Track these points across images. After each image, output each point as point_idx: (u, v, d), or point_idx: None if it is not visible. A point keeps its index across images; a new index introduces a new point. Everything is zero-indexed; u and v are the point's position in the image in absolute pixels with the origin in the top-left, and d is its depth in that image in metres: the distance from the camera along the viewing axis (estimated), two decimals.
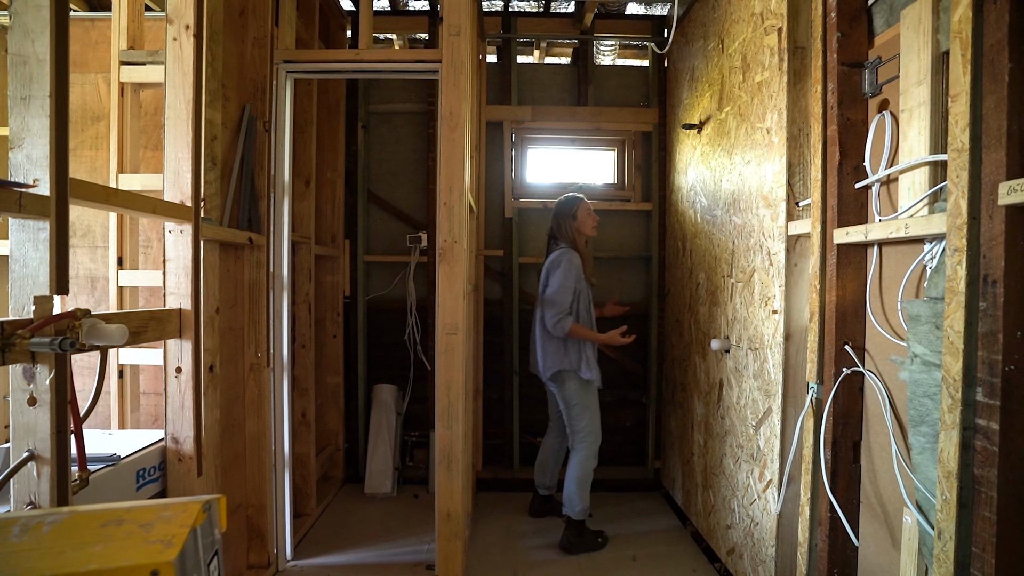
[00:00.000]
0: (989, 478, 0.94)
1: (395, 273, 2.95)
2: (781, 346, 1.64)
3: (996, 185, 0.94)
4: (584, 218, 2.33)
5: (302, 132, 2.41)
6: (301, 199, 2.41)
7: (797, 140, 1.64)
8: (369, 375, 2.95)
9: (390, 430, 2.80)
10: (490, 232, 2.94)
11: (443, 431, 1.83)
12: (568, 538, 2.28)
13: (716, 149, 2.17)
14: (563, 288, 2.20)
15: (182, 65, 1.41)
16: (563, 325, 2.18)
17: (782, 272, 1.64)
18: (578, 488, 2.27)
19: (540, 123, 2.87)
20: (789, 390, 1.64)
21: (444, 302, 1.81)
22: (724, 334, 2.06)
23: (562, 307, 2.19)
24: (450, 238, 1.79)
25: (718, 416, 2.11)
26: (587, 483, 2.30)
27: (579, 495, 2.27)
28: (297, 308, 2.41)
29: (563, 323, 2.18)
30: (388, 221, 2.97)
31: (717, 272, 2.15)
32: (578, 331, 2.20)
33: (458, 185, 1.80)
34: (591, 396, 2.30)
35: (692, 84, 2.46)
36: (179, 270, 1.44)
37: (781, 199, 1.65)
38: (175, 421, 1.44)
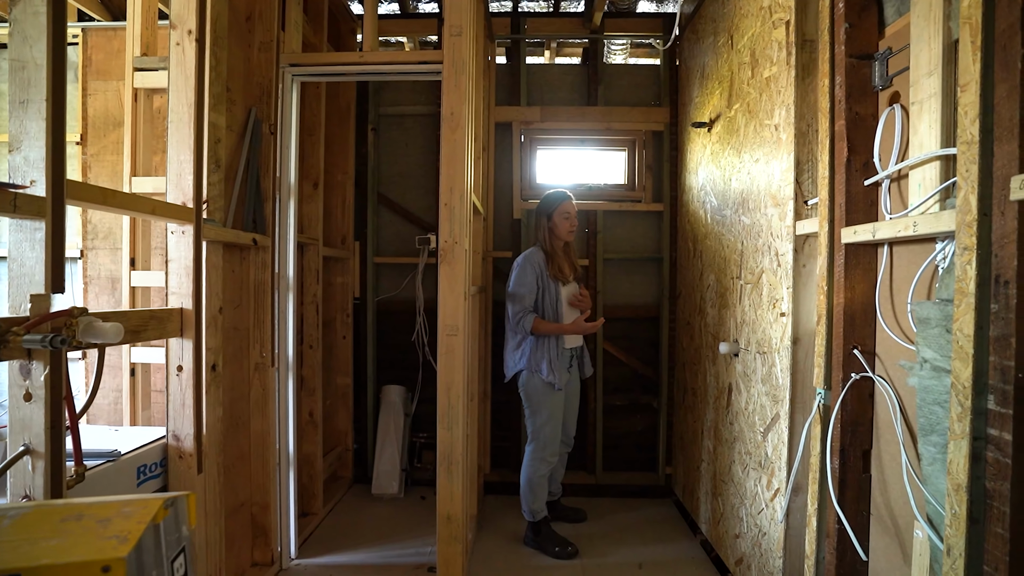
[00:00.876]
0: (1002, 492, 0.88)
1: (405, 275, 2.96)
2: (789, 350, 1.58)
3: (1008, 179, 0.88)
4: (559, 222, 2.29)
5: (310, 135, 2.44)
6: (309, 201, 2.44)
7: (806, 136, 1.58)
8: (379, 376, 2.97)
9: (398, 431, 2.81)
10: (499, 234, 2.93)
11: (443, 433, 1.82)
12: (527, 534, 2.35)
13: (725, 147, 2.12)
14: (518, 286, 2.23)
15: (184, 69, 1.44)
16: (524, 323, 2.20)
17: (790, 273, 1.59)
18: (525, 491, 2.31)
19: (549, 124, 2.85)
20: (797, 396, 1.58)
21: (445, 303, 1.80)
22: (733, 337, 2.01)
23: (521, 305, 2.22)
24: (451, 239, 1.79)
25: (727, 422, 2.05)
26: (535, 487, 2.29)
27: (526, 497, 2.31)
28: (305, 309, 2.44)
29: (524, 321, 2.20)
30: (398, 223, 2.98)
31: (726, 274, 2.09)
32: (541, 326, 2.20)
33: (459, 186, 1.79)
34: (551, 400, 2.25)
35: (702, 82, 2.41)
36: (180, 270, 1.46)
37: (789, 197, 1.60)
38: (176, 418, 1.46)
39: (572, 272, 2.38)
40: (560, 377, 2.26)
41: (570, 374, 2.38)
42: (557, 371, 2.24)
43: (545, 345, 2.25)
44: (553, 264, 2.29)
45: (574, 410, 2.48)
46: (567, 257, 2.37)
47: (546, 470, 2.31)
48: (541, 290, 2.27)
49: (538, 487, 2.31)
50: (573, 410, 2.48)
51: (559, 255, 2.32)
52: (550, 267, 2.28)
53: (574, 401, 2.47)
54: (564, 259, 2.35)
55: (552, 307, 2.28)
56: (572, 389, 2.44)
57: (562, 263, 2.32)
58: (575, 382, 2.45)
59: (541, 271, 2.27)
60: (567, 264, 2.36)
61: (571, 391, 2.44)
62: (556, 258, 2.30)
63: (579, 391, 2.50)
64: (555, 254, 2.30)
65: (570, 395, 2.44)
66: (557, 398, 2.28)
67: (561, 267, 2.30)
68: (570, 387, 2.42)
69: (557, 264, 2.29)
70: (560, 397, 2.30)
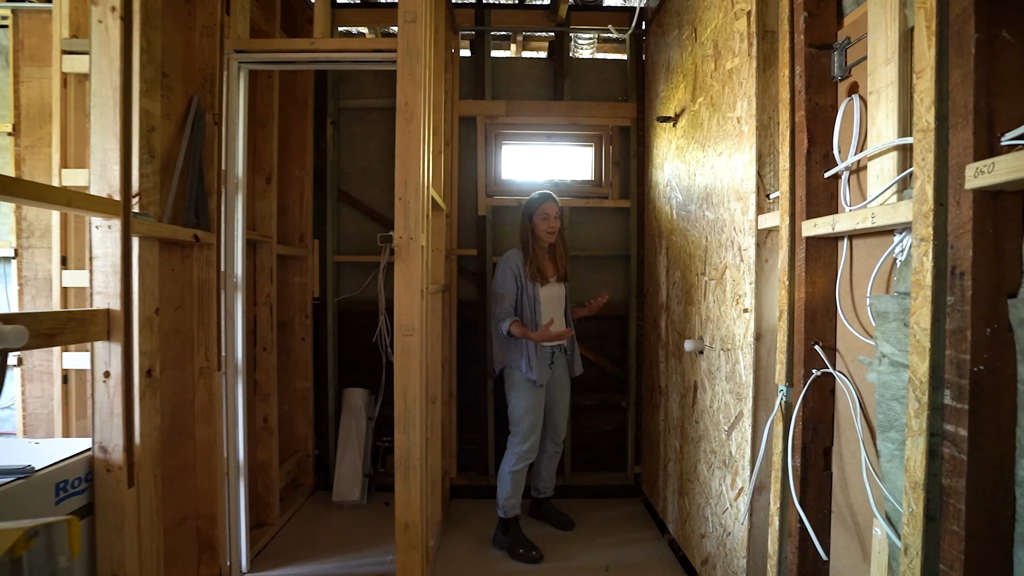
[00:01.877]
0: (957, 489, 0.86)
1: (367, 274, 2.86)
2: (752, 347, 1.55)
3: (963, 167, 0.86)
4: (538, 222, 2.29)
5: (263, 127, 2.32)
6: (262, 196, 2.32)
7: (767, 129, 1.56)
8: (340, 379, 2.86)
9: (360, 435, 2.71)
10: (464, 231, 2.86)
11: (400, 437, 1.74)
12: (496, 532, 2.33)
13: (690, 142, 2.09)
14: (497, 286, 2.26)
15: (108, 50, 1.33)
16: (502, 326, 2.22)
17: (753, 268, 1.56)
18: (500, 483, 2.30)
19: (515, 118, 2.79)
20: (760, 393, 1.56)
21: (401, 302, 1.72)
22: (698, 334, 1.98)
23: (501, 306, 2.24)
24: (406, 235, 1.71)
25: (693, 420, 2.03)
26: (509, 483, 2.27)
27: (500, 490, 2.30)
28: (258, 310, 2.33)
29: (502, 324, 2.22)
30: (359, 220, 2.88)
31: (691, 270, 2.06)
32: (515, 331, 2.20)
33: (415, 179, 1.72)
34: (530, 395, 2.26)
35: (668, 76, 2.38)
36: (107, 268, 1.35)
37: (751, 191, 1.57)
38: (103, 429, 1.35)
39: (556, 273, 2.35)
40: (540, 373, 2.26)
41: (553, 371, 2.35)
42: (536, 367, 2.23)
43: (523, 342, 2.25)
44: (531, 264, 2.27)
45: (562, 409, 2.44)
46: (551, 258, 2.36)
47: (522, 465, 2.28)
48: (520, 291, 2.26)
49: (513, 481, 2.28)
50: (561, 409, 2.44)
51: (539, 256, 2.31)
52: (528, 268, 2.27)
53: (561, 399, 2.43)
54: (546, 260, 2.34)
55: (530, 308, 2.26)
56: (558, 386, 2.40)
57: (543, 264, 2.31)
58: (561, 380, 2.41)
59: (519, 271, 2.26)
60: (550, 265, 2.35)
61: (556, 388, 2.40)
62: (536, 259, 2.29)
63: (568, 392, 2.45)
64: (535, 255, 2.29)
65: (555, 393, 2.40)
66: (537, 394, 2.27)
67: (541, 268, 2.29)
68: (555, 384, 2.39)
69: (536, 265, 2.28)
70: (540, 393, 2.29)
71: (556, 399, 2.40)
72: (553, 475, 2.53)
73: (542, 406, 2.33)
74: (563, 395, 2.42)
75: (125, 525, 1.33)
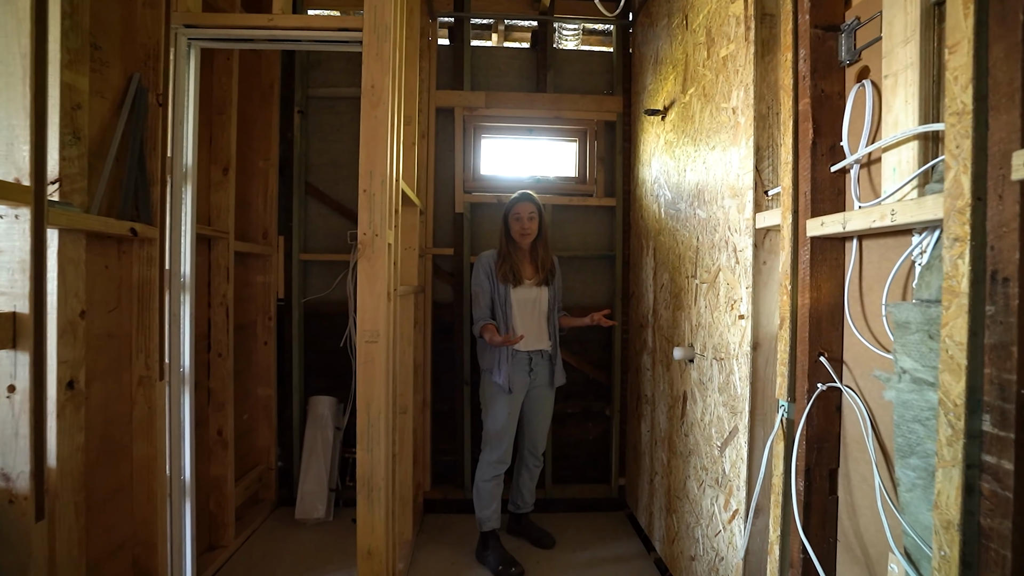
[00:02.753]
0: (1001, 532, 0.73)
1: (335, 273, 2.68)
2: (748, 356, 1.43)
3: (1008, 155, 0.73)
4: (510, 223, 2.18)
5: (220, 113, 2.13)
6: (219, 188, 2.13)
7: (766, 120, 1.43)
8: (306, 385, 2.67)
9: (327, 447, 2.53)
10: (440, 229, 2.69)
11: (363, 455, 1.58)
12: (478, 546, 2.23)
13: (680, 136, 1.97)
14: (472, 287, 2.19)
15: (17, 10, 1.14)
16: (475, 328, 2.15)
17: (749, 271, 1.44)
18: (473, 496, 2.21)
19: (495, 110, 2.64)
20: (757, 407, 1.43)
21: (364, 305, 1.56)
22: (688, 342, 1.85)
23: (477, 306, 2.16)
24: (370, 231, 1.54)
25: (682, 433, 1.90)
26: (480, 493, 2.18)
27: (475, 503, 2.20)
28: (212, 312, 2.13)
29: (475, 326, 2.14)
30: (328, 216, 2.70)
31: (681, 272, 1.94)
32: (484, 335, 2.08)
33: (380, 169, 1.55)
34: (501, 402, 2.14)
35: (656, 67, 2.26)
36: (12, 265, 1.16)
37: (748, 187, 1.45)
38: (6, 453, 1.15)
39: (536, 276, 2.22)
40: (513, 381, 2.14)
41: (532, 379, 2.21)
42: (506, 373, 2.12)
43: (497, 347, 2.13)
44: (504, 266, 2.16)
45: (541, 420, 2.30)
46: (530, 259, 2.23)
47: (494, 475, 2.17)
48: (492, 291, 2.16)
49: (484, 493, 2.17)
50: (540, 420, 2.30)
51: (515, 256, 2.19)
52: (500, 268, 2.15)
53: (540, 409, 2.28)
54: (524, 261, 2.22)
55: (501, 310, 2.16)
56: (537, 395, 2.26)
57: (519, 265, 2.19)
58: (542, 389, 2.26)
59: (491, 272, 2.16)
60: (528, 267, 2.23)
61: (536, 397, 2.26)
62: (510, 259, 2.17)
63: (550, 402, 2.31)
64: (509, 255, 2.18)
65: (535, 402, 2.26)
66: (509, 401, 2.15)
67: (516, 269, 2.17)
68: (535, 393, 2.25)
69: (509, 266, 2.16)
70: (512, 401, 2.16)
71: (535, 409, 2.26)
72: (533, 490, 2.38)
73: (515, 415, 2.20)
74: (543, 405, 2.28)
75: (31, 565, 1.14)
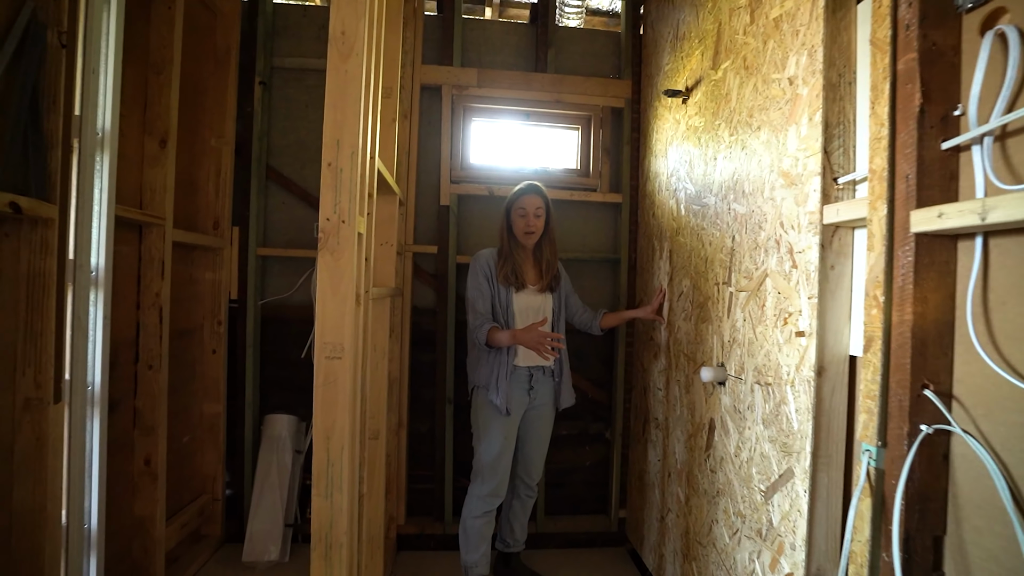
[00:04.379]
0: None
1: (300, 271, 2.32)
2: (811, 384, 1.14)
3: None
4: (514, 219, 1.89)
5: (158, 73, 1.77)
6: (154, 164, 1.76)
7: (836, 90, 1.15)
8: (262, 402, 2.30)
9: (283, 474, 2.16)
10: (422, 223, 2.36)
11: (320, 502, 1.23)
12: None
13: (710, 118, 1.69)
14: (470, 290, 1.88)
15: None
16: (478, 335, 1.79)
17: (812, 277, 1.15)
18: (460, 536, 1.91)
19: (488, 90, 2.33)
20: (822, 448, 1.14)
21: (325, 311, 1.22)
22: (718, 360, 1.56)
23: (475, 312, 1.83)
24: (335, 216, 1.21)
25: (706, 468, 1.60)
26: (468, 532, 1.88)
27: (460, 544, 1.91)
28: (142, 314, 1.76)
29: (478, 333, 1.79)
30: (292, 205, 2.34)
31: (708, 278, 1.65)
32: (494, 339, 1.76)
33: (351, 138, 1.22)
34: (497, 425, 1.84)
35: (676, 44, 1.98)
36: None
37: (813, 173, 1.16)
38: None
39: (539, 280, 1.92)
40: (511, 400, 1.83)
41: (532, 398, 1.91)
42: (503, 391, 1.80)
43: (494, 359, 1.83)
44: (505, 266, 1.86)
45: (537, 446, 1.98)
46: (534, 261, 1.94)
47: (483, 510, 1.85)
48: (492, 296, 1.86)
49: (472, 532, 1.86)
50: (536, 445, 1.98)
51: (517, 257, 1.89)
52: (501, 268, 1.86)
53: (538, 432, 1.97)
54: (527, 262, 1.92)
55: (502, 317, 1.85)
56: (536, 417, 1.95)
57: (521, 267, 1.89)
58: (542, 410, 1.95)
59: (490, 273, 1.86)
60: (532, 270, 1.93)
61: (535, 419, 1.95)
62: (512, 260, 1.88)
63: (549, 425, 1.99)
64: (511, 255, 1.88)
65: (533, 424, 1.95)
66: (506, 424, 1.84)
67: (518, 271, 1.87)
68: (531, 415, 1.94)
69: (511, 266, 1.87)
70: (509, 424, 1.86)
71: (532, 433, 1.95)
72: (525, 525, 2.06)
73: (512, 439, 1.89)
74: (542, 428, 1.96)
75: None
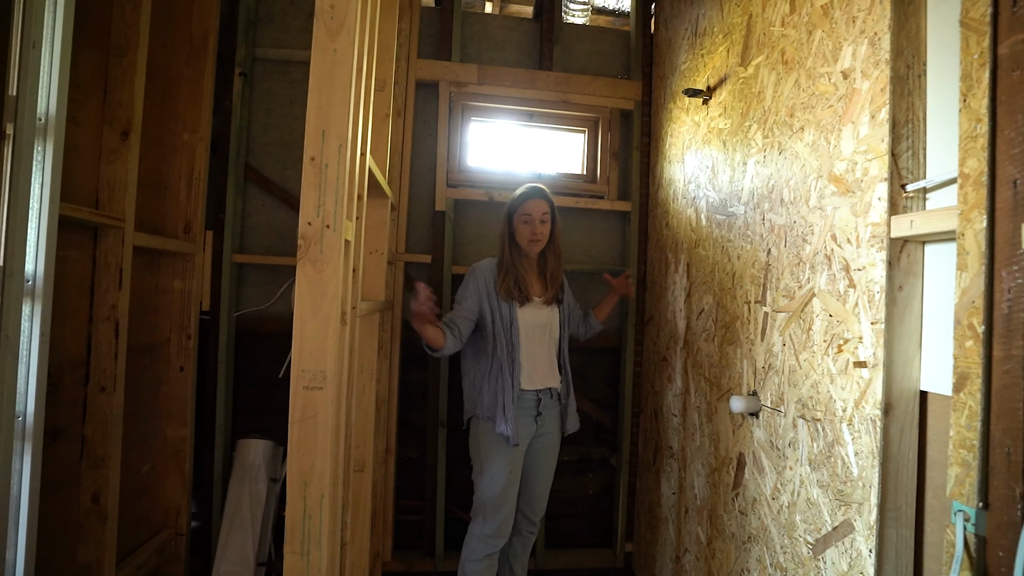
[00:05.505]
0: None
1: (280, 281, 2.12)
2: (876, 423, 0.97)
3: None
4: (517, 226, 1.71)
5: (120, 56, 1.57)
6: (112, 159, 1.56)
7: (905, 83, 1.00)
8: (234, 425, 2.08)
9: (256, 506, 1.94)
10: (415, 230, 2.18)
11: (294, 561, 1.03)
12: None
13: (737, 119, 1.53)
14: (456, 295, 1.71)
15: None
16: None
17: (877, 299, 0.99)
18: None
19: (489, 88, 2.16)
20: (890, 500, 0.97)
21: (304, 331, 1.02)
22: (749, 388, 1.40)
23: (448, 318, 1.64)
24: (318, 220, 1.02)
25: (734, 509, 1.43)
26: None
27: None
28: (96, 329, 1.54)
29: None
30: (273, 209, 2.14)
31: (736, 296, 1.49)
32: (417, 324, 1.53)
33: (339, 128, 1.04)
34: (504, 458, 1.64)
35: (695, 41, 1.84)
36: None
37: (877, 179, 1.01)
38: None
39: (544, 293, 1.75)
40: (519, 429, 1.64)
41: (538, 425, 1.72)
42: (512, 420, 1.61)
43: (496, 383, 1.63)
44: (507, 279, 1.68)
45: (543, 479, 1.79)
46: (538, 273, 1.76)
47: (484, 553, 1.66)
48: (491, 312, 1.67)
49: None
50: (542, 478, 1.79)
51: (520, 268, 1.71)
52: (502, 282, 1.67)
53: (543, 462, 1.78)
54: (531, 274, 1.74)
55: (504, 335, 1.66)
56: (539, 446, 1.76)
57: (524, 279, 1.70)
58: (548, 438, 1.76)
59: (488, 286, 1.67)
60: (536, 282, 1.75)
61: (540, 448, 1.76)
62: (514, 271, 1.69)
63: (555, 453, 1.80)
64: (513, 266, 1.69)
65: (538, 454, 1.76)
66: (512, 456, 1.65)
67: (522, 283, 1.69)
68: (536, 444, 1.75)
69: (514, 278, 1.68)
70: (516, 455, 1.67)
71: (539, 462, 1.76)
72: (525, 564, 1.86)
73: (518, 472, 1.70)
74: (547, 458, 1.78)
75: None
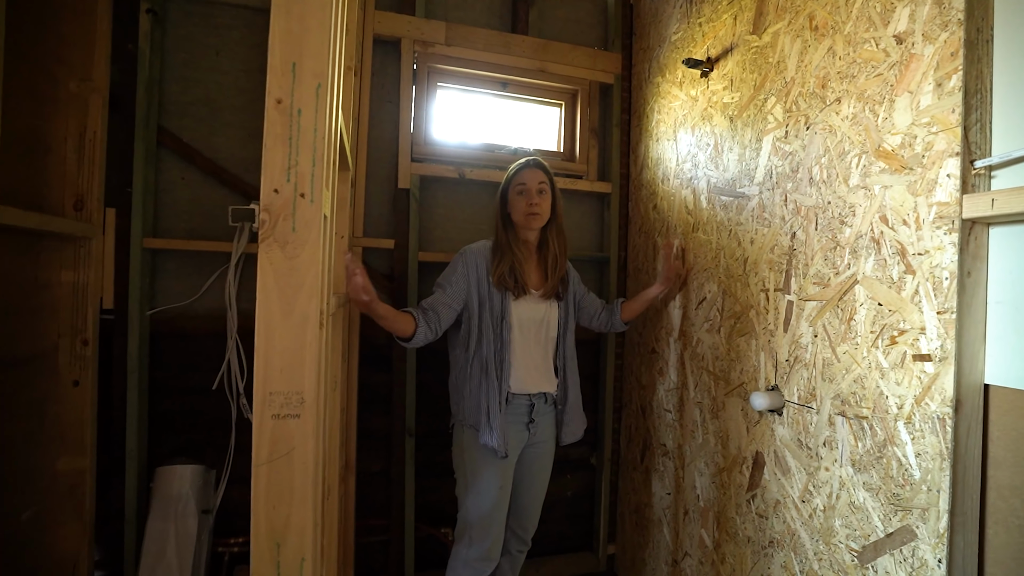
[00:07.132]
0: None
1: (208, 270, 1.75)
2: (945, 422, 0.88)
3: None
4: (512, 199, 1.50)
5: None
6: None
7: (975, 49, 0.91)
8: (151, 448, 1.71)
9: (185, 545, 1.60)
10: (373, 211, 1.89)
11: None
12: None
13: (748, 92, 1.41)
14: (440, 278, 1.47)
15: None
16: None
17: (945, 287, 0.90)
18: None
19: (458, 50, 1.91)
20: (960, 506, 0.89)
21: (271, 341, 0.76)
22: (769, 383, 1.29)
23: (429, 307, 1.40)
24: (289, 187, 0.75)
25: (749, 511, 1.33)
26: None
27: None
28: None
29: None
30: (198, 184, 1.76)
31: (748, 283, 1.38)
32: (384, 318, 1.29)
33: (316, 63, 0.77)
34: (490, 472, 1.44)
35: (690, 9, 1.70)
36: None
37: (944, 154, 0.91)
38: None
39: (545, 280, 1.52)
40: (508, 438, 1.43)
41: (530, 433, 1.51)
42: (500, 429, 1.39)
43: (478, 385, 1.41)
44: (502, 264, 1.45)
45: (536, 492, 1.59)
46: (538, 260, 1.53)
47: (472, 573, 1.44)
48: (480, 304, 1.43)
49: None
50: (534, 492, 1.59)
51: (517, 253, 1.47)
52: (496, 268, 1.44)
53: (535, 475, 1.58)
54: (529, 261, 1.51)
55: (494, 330, 1.43)
56: (531, 457, 1.56)
57: (521, 266, 1.47)
58: (540, 447, 1.56)
59: (479, 271, 1.43)
60: (535, 271, 1.52)
61: (529, 459, 1.55)
62: (511, 256, 1.46)
63: (549, 465, 1.60)
64: (510, 251, 1.46)
65: (529, 466, 1.56)
66: (501, 469, 1.44)
67: (517, 271, 1.46)
68: (529, 454, 1.55)
69: (509, 265, 1.45)
70: (506, 468, 1.46)
71: (531, 474, 1.57)
72: None
73: (508, 487, 1.50)
74: (541, 469, 1.59)
75: None
